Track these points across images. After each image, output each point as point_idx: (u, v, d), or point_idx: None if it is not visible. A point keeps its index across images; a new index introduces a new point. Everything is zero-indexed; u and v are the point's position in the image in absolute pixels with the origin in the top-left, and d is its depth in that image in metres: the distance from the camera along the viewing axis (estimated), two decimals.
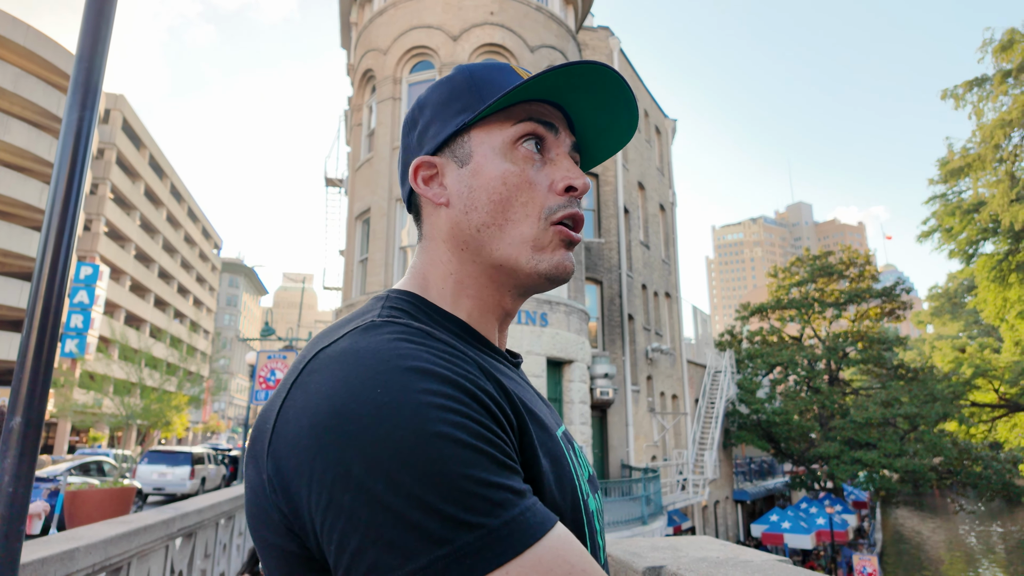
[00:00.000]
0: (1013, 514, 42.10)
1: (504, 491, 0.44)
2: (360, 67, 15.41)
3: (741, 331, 28.90)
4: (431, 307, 0.63)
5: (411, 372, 0.47)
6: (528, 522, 0.43)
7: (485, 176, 0.63)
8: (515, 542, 0.42)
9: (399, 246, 13.55)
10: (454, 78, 0.67)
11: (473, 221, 0.63)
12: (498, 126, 0.64)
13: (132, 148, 43.90)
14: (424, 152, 0.67)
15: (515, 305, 0.68)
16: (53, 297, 1.53)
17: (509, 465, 0.46)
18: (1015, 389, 26.96)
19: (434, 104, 0.67)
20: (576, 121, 0.70)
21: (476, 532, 0.41)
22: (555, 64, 0.64)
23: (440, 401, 0.46)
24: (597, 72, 0.63)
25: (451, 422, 0.45)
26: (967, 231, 24.85)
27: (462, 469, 0.43)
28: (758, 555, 1.85)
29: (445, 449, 0.43)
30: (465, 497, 0.42)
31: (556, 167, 0.65)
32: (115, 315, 41.32)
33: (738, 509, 24.82)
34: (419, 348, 0.51)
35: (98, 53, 1.73)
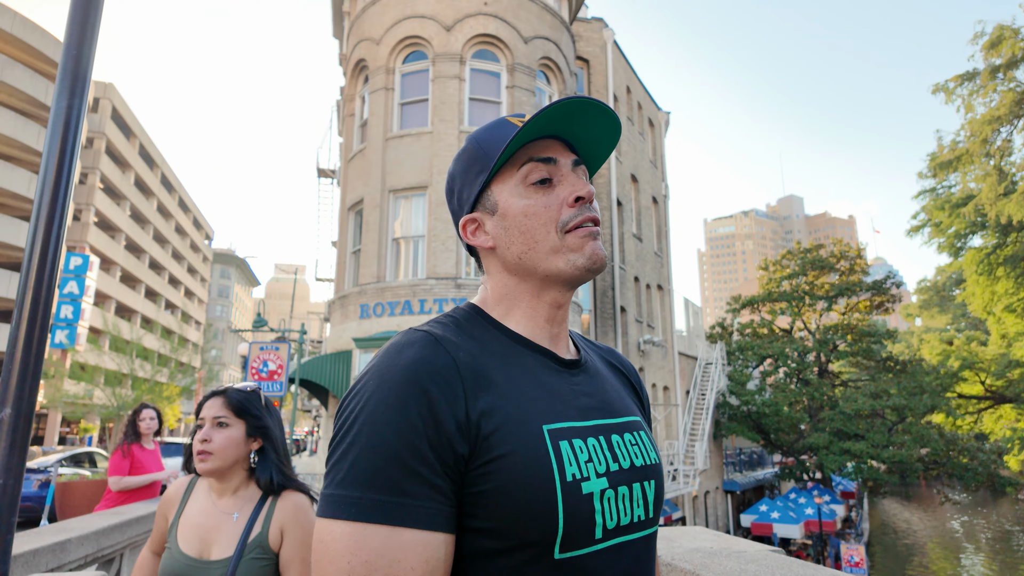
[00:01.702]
0: (997, 504, 42.71)
1: (393, 483, 0.63)
2: (353, 57, 15.28)
3: (732, 323, 29.03)
4: (486, 317, 0.82)
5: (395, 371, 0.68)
6: (390, 511, 0.62)
7: (512, 216, 0.81)
8: (371, 515, 0.62)
9: (392, 237, 13.50)
10: (467, 149, 0.85)
11: (514, 252, 0.81)
12: (508, 174, 0.82)
13: (122, 137, 43.42)
14: (465, 212, 0.86)
15: (566, 297, 0.84)
16: (43, 287, 1.51)
17: (417, 472, 0.64)
18: (1001, 381, 27.28)
19: (460, 174, 0.86)
20: (572, 140, 0.85)
21: (355, 492, 0.63)
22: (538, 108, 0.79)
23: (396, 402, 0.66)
24: (573, 104, 0.77)
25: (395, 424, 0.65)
26: (956, 225, 25.04)
27: (377, 457, 0.64)
28: (751, 545, 1.86)
29: (378, 438, 0.65)
30: (369, 473, 0.64)
31: (562, 186, 0.81)
32: (105, 306, 40.99)
33: (728, 499, 25.03)
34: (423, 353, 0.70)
35: (87, 41, 1.70)
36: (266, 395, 1.86)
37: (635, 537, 0.74)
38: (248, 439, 1.74)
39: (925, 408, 22.80)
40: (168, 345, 30.49)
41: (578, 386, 0.80)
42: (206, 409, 1.76)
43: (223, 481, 1.72)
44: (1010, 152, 20.72)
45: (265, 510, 1.66)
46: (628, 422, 0.82)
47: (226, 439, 1.70)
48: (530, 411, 0.71)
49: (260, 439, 1.77)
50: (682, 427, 21.63)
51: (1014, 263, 23.19)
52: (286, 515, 1.64)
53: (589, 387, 0.82)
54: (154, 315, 48.06)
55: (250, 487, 1.72)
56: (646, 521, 0.76)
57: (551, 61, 15.03)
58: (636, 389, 0.96)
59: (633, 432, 0.81)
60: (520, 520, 0.65)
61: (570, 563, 0.67)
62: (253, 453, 1.76)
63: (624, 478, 0.74)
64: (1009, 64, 19.54)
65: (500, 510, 0.65)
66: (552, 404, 0.74)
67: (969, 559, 25.84)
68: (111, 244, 41.36)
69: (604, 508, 0.70)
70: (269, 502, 1.68)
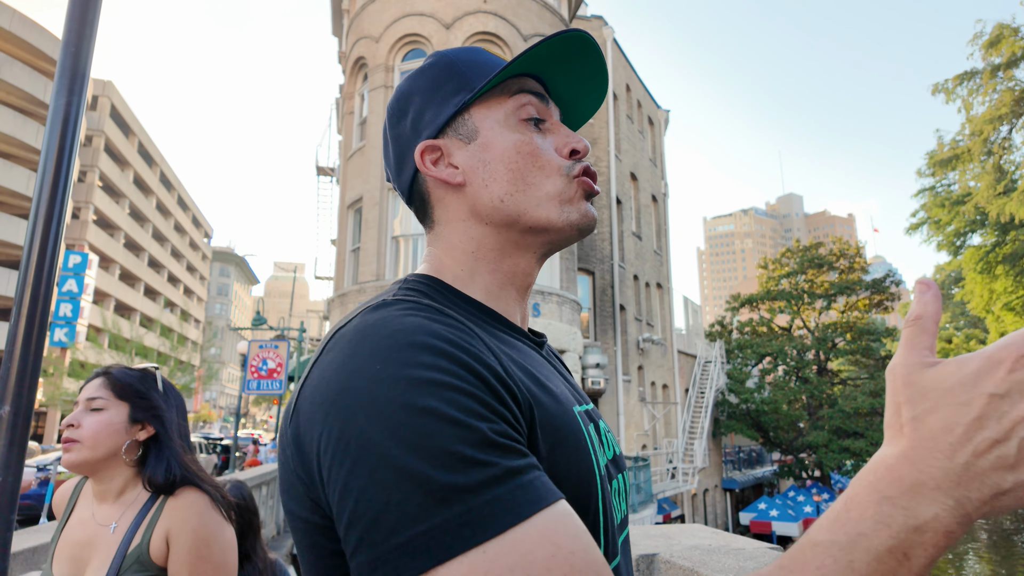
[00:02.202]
0: None
1: (490, 468, 0.43)
2: (352, 55, 15.27)
3: (731, 322, 29.06)
4: (446, 287, 0.63)
5: (410, 346, 0.48)
6: (515, 500, 0.42)
7: (498, 148, 0.65)
8: (496, 521, 0.41)
9: (391, 235, 13.50)
10: (436, 64, 0.69)
11: (495, 192, 0.64)
12: (496, 101, 0.66)
13: (121, 135, 43.38)
14: (424, 136, 0.67)
15: (536, 269, 0.69)
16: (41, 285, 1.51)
17: (500, 443, 0.44)
18: None
19: (422, 90, 0.69)
20: (553, 93, 0.72)
21: (456, 509, 0.41)
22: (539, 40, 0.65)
23: (433, 375, 0.46)
24: (578, 42, 0.65)
25: (442, 397, 0.45)
26: (955, 223, 25.06)
27: (447, 445, 0.43)
28: (750, 543, 1.87)
29: (431, 424, 0.43)
30: (449, 474, 0.42)
31: (556, 134, 0.68)
32: (104, 304, 40.99)
33: (727, 497, 25.07)
34: (425, 321, 0.51)
35: (85, 38, 1.70)
36: (165, 380, 1.51)
37: (623, 537, 0.63)
38: (132, 426, 1.39)
39: None
40: (168, 343, 30.50)
41: (556, 368, 0.69)
42: (83, 391, 1.43)
43: (101, 481, 1.38)
44: (1010, 150, 20.73)
45: (150, 515, 1.31)
46: (593, 409, 0.70)
47: (98, 424, 1.34)
48: (556, 392, 0.58)
49: (150, 426, 1.41)
50: (681, 425, 21.65)
51: (1013, 261, 23.21)
52: (173, 517, 1.29)
53: (562, 369, 0.72)
54: (153, 313, 48.06)
55: (137, 488, 1.37)
56: (625, 518, 0.66)
57: None
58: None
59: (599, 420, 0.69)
60: None
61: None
62: (143, 446, 1.40)
63: (614, 470, 0.64)
64: (1009, 63, 19.53)
65: None
66: (561, 386, 0.62)
67: (968, 559, 25.90)
68: (110, 242, 41.34)
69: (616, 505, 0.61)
70: (157, 504, 1.32)
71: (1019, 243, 22.60)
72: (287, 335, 15.07)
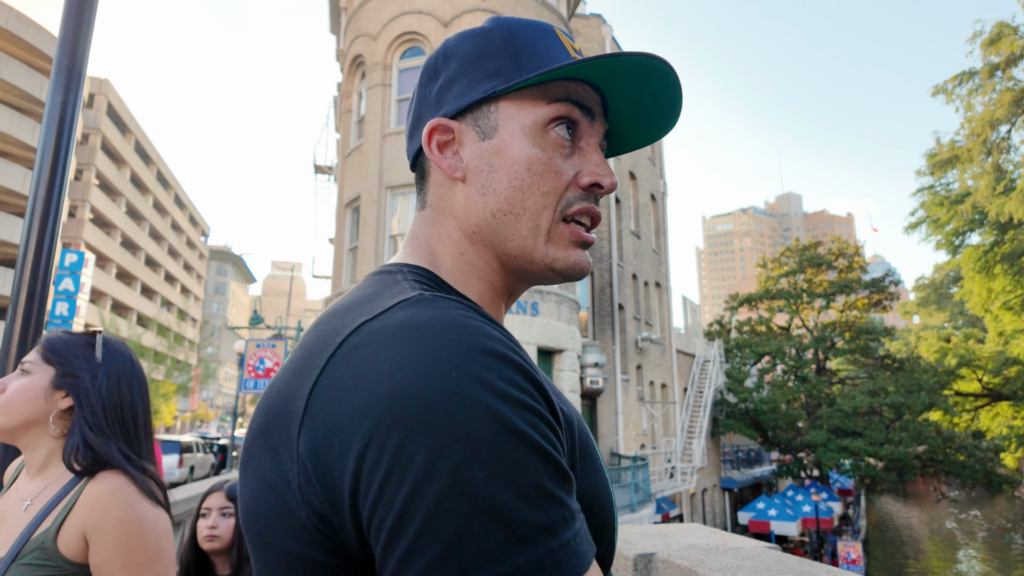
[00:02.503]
0: (993, 502, 42.89)
1: (564, 508, 0.39)
2: (350, 53, 15.25)
3: (730, 321, 29.09)
4: (447, 287, 0.57)
5: (486, 355, 0.41)
6: (578, 550, 0.39)
7: (509, 158, 0.57)
8: (567, 569, 0.38)
9: (389, 234, 13.49)
10: (490, 32, 0.60)
11: (489, 205, 0.57)
12: (531, 102, 0.57)
13: (118, 133, 43.29)
14: (442, 113, 0.60)
15: (521, 290, 0.63)
16: (38, 284, 1.50)
17: (569, 476, 0.41)
18: (998, 379, 27.38)
19: (462, 57, 0.60)
20: (612, 107, 0.63)
21: (537, 551, 0.37)
22: (604, 53, 0.55)
23: (516, 394, 0.41)
24: (653, 65, 0.56)
25: (526, 419, 0.40)
26: (954, 222, 25.12)
27: (534, 477, 0.38)
28: (748, 542, 1.87)
29: (519, 450, 0.38)
30: (532, 510, 0.37)
31: (585, 158, 0.59)
32: (101, 303, 40.93)
33: (725, 497, 25.11)
34: (486, 326, 0.45)
35: (82, 36, 1.69)
36: (112, 345, 1.32)
37: None
38: (53, 392, 1.22)
39: (922, 405, 22.89)
40: (166, 342, 30.47)
41: None
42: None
43: (25, 451, 1.24)
44: (1008, 150, 20.77)
45: (67, 499, 1.15)
46: None
47: (19, 388, 1.21)
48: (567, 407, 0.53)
49: (67, 393, 1.23)
50: (680, 424, 21.68)
51: (1011, 260, 23.26)
52: (90, 508, 1.11)
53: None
54: (150, 312, 48.00)
55: (61, 464, 1.22)
56: None
57: None
58: None
59: None
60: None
61: None
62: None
63: None
64: (1008, 62, 19.57)
65: None
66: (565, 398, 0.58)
67: (965, 556, 25.96)
68: (107, 241, 41.27)
69: None
70: (78, 487, 1.16)
71: (1017, 242, 22.65)
72: (284, 334, 15.07)
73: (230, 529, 2.01)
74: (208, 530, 1.98)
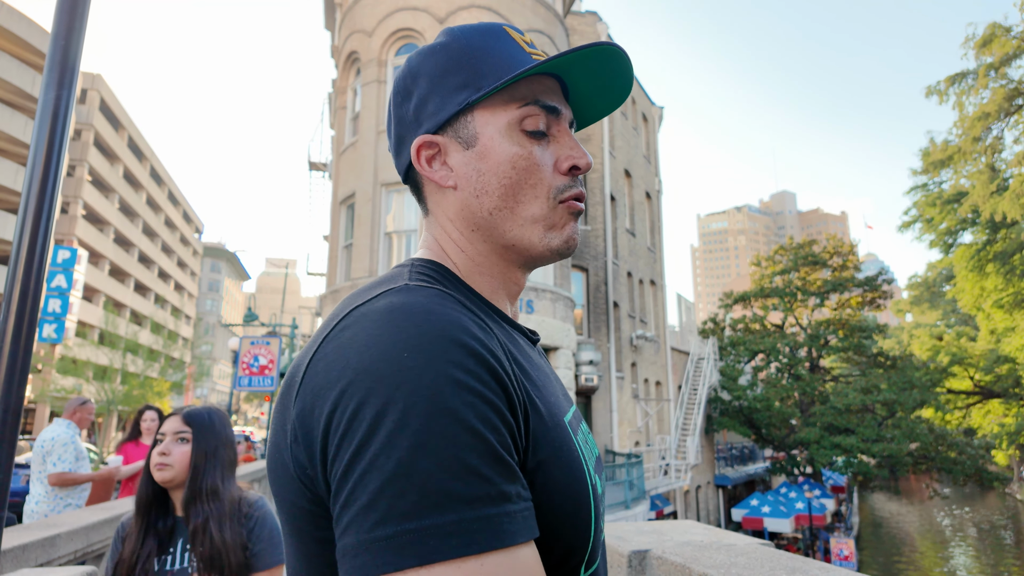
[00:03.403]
0: (984, 499, 43.24)
1: (490, 486, 0.43)
2: (344, 49, 15.19)
3: (724, 319, 29.17)
4: (455, 278, 0.63)
5: (442, 339, 0.47)
6: (502, 526, 0.42)
7: (494, 160, 0.63)
8: (481, 540, 0.41)
9: (384, 231, 13.46)
10: (449, 46, 0.65)
11: (485, 205, 0.63)
12: (502, 107, 0.63)
13: (111, 129, 43.02)
14: (423, 130, 0.65)
15: (523, 279, 0.69)
16: (31, 281, 1.50)
17: (504, 460, 0.45)
18: (989, 377, 27.58)
19: (429, 75, 0.65)
20: (572, 90, 0.70)
21: (446, 517, 0.41)
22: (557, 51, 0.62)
23: (461, 376, 0.45)
24: (604, 52, 0.62)
25: (465, 400, 0.44)
26: (947, 221, 25.25)
27: (459, 452, 0.43)
28: (741, 539, 1.88)
29: (450, 427, 0.43)
30: (451, 480, 0.42)
31: (559, 145, 0.65)
32: (94, 300, 40.72)
33: (719, 494, 25.21)
34: (456, 314, 0.50)
35: (74, 31, 1.68)
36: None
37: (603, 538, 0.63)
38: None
39: (915, 403, 23.03)
40: (161, 340, 30.33)
41: (551, 368, 0.69)
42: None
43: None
44: (1001, 149, 20.89)
45: None
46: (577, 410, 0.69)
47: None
48: (550, 399, 0.58)
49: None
50: (674, 422, 21.74)
51: (1003, 259, 23.41)
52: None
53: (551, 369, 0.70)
54: (144, 309, 47.78)
55: None
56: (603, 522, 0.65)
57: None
58: None
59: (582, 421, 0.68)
60: (560, 538, 0.51)
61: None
62: None
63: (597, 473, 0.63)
64: (1001, 62, 19.67)
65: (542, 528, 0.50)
66: (555, 390, 0.62)
67: (957, 552, 26.16)
68: (100, 237, 41.04)
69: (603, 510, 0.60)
70: None
71: (1009, 241, 22.80)
72: (279, 331, 15.02)
73: (185, 457, 1.70)
74: (158, 456, 1.69)
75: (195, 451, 1.71)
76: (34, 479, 4.24)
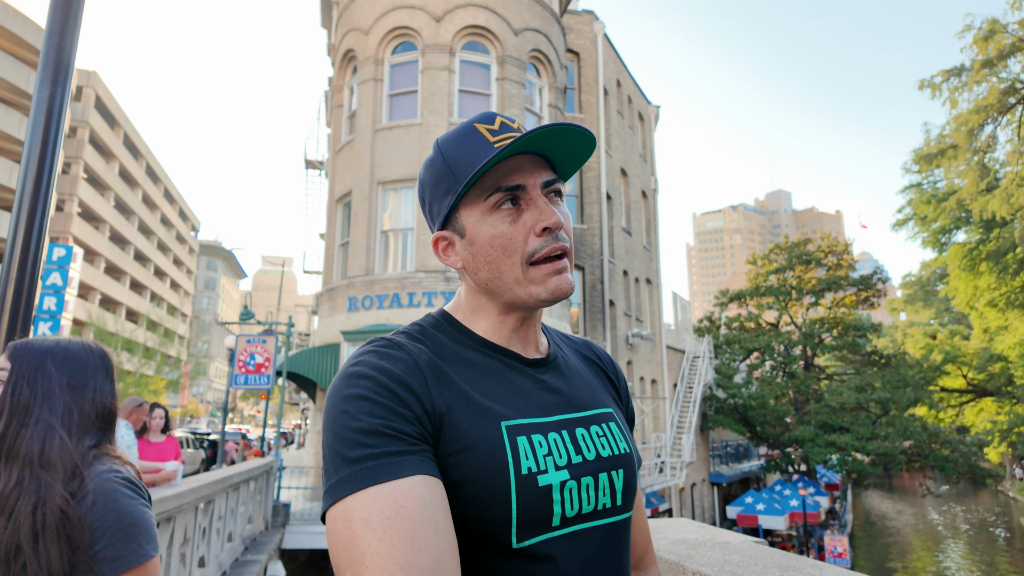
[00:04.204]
0: (977, 496, 43.48)
1: (371, 448, 0.66)
2: (341, 47, 15.15)
3: (720, 317, 29.23)
4: (454, 323, 0.86)
5: (351, 375, 0.73)
6: (378, 471, 0.65)
7: (478, 244, 0.81)
8: (365, 479, 0.64)
9: (380, 230, 13.44)
10: (434, 160, 0.85)
11: (482, 277, 0.83)
12: (475, 200, 0.81)
13: (106, 127, 42.81)
14: (436, 228, 0.87)
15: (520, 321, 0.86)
16: (25, 279, 1.49)
17: (387, 434, 0.67)
18: (982, 375, 27.72)
19: (429, 187, 0.86)
20: (545, 152, 0.83)
21: (351, 469, 0.66)
22: (508, 140, 0.80)
23: (355, 391, 0.71)
24: (544, 133, 0.76)
25: (355, 403, 0.70)
26: (941, 220, 25.34)
27: (348, 433, 0.68)
28: (735, 536, 1.89)
29: (344, 419, 0.69)
30: (346, 446, 0.67)
31: (530, 212, 0.81)
32: (89, 298, 40.55)
33: (714, 491, 25.29)
34: (374, 358, 0.74)
35: (69, 28, 1.68)
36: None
37: (599, 524, 0.78)
38: None
39: (908, 401, 23.12)
40: (156, 338, 30.22)
41: (543, 384, 0.84)
42: None
43: None
44: (993, 148, 20.95)
45: None
46: (596, 415, 0.85)
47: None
48: (489, 409, 0.76)
49: None
50: (669, 420, 21.79)
51: (996, 258, 23.52)
52: None
53: (555, 383, 0.86)
54: (140, 307, 47.58)
55: None
56: (613, 508, 0.80)
57: (541, 53, 14.98)
58: (612, 379, 0.99)
59: (601, 424, 0.84)
60: (479, 511, 0.70)
61: (528, 551, 0.72)
62: None
63: (588, 469, 0.78)
64: (1000, 56, 19.68)
65: (461, 502, 0.70)
66: (513, 402, 0.79)
67: (949, 549, 26.30)
68: (95, 235, 40.86)
69: (564, 498, 0.75)
70: None
71: (1002, 240, 22.89)
72: (275, 330, 14.95)
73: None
74: None
75: (12, 393, 1.20)
76: None
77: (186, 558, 4.99)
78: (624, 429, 0.88)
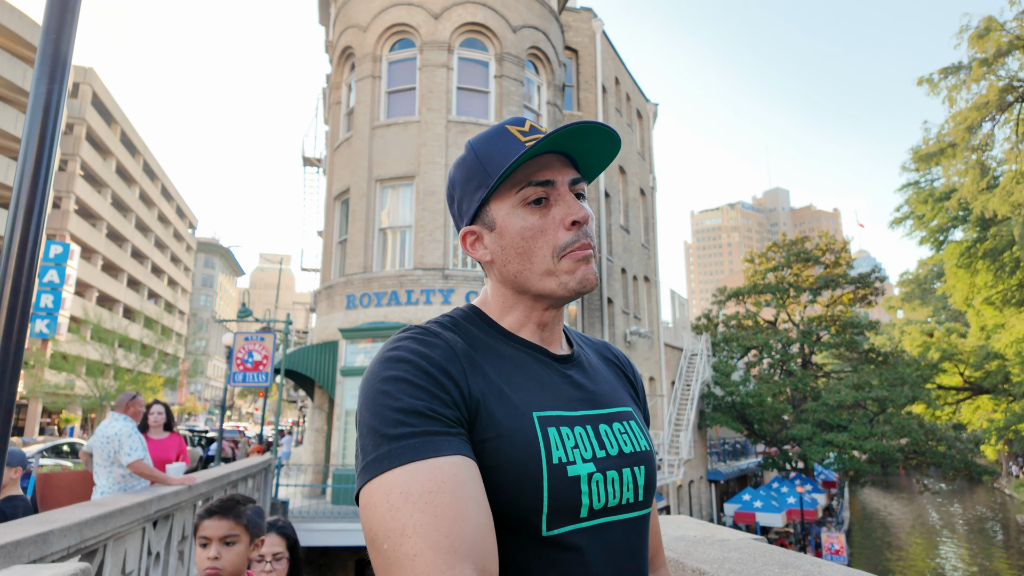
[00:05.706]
0: (973, 493, 43.64)
1: (410, 427, 0.68)
2: (339, 44, 15.11)
3: (717, 315, 29.26)
4: (484, 316, 0.89)
5: (390, 359, 0.75)
6: (418, 448, 0.66)
7: (508, 236, 0.85)
8: (405, 456, 0.66)
9: (379, 227, 13.42)
10: (467, 160, 0.88)
11: (511, 270, 0.86)
12: (506, 193, 0.85)
13: (103, 124, 42.66)
14: (465, 223, 0.90)
15: (549, 315, 0.89)
16: (23, 276, 1.49)
17: (426, 414, 0.69)
18: (979, 373, 27.80)
19: (459, 183, 0.89)
20: (571, 153, 0.87)
21: (384, 448, 0.67)
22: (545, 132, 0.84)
23: (394, 373, 0.73)
24: (576, 129, 0.80)
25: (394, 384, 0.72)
26: (938, 218, 25.40)
27: (388, 412, 0.70)
28: (734, 534, 1.89)
29: (383, 399, 0.71)
30: (386, 424, 0.69)
31: (559, 207, 0.84)
32: (86, 295, 40.46)
33: (712, 489, 25.34)
34: (412, 343, 0.77)
35: (66, 24, 1.67)
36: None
37: (623, 517, 0.80)
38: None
39: (906, 399, 23.17)
40: (153, 335, 30.15)
41: (569, 379, 0.87)
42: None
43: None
44: (991, 147, 20.98)
45: None
46: (618, 412, 0.87)
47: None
48: (521, 399, 0.78)
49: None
50: (667, 417, 21.82)
51: (993, 256, 23.58)
52: None
53: (580, 379, 0.88)
54: (137, 305, 47.50)
55: None
56: (635, 504, 0.82)
57: (540, 51, 14.96)
58: (631, 380, 1.01)
59: (623, 422, 0.86)
60: (511, 498, 0.72)
61: (557, 539, 0.73)
62: None
63: (612, 464, 0.80)
64: (997, 55, 19.68)
65: (494, 487, 0.71)
66: (542, 394, 0.81)
67: (946, 545, 26.40)
68: (92, 232, 40.75)
69: (591, 490, 0.76)
70: None
71: (999, 238, 22.95)
72: (273, 327, 14.94)
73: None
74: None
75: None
76: (100, 472, 4.43)
77: (184, 556, 4.99)
78: (643, 428, 0.91)
